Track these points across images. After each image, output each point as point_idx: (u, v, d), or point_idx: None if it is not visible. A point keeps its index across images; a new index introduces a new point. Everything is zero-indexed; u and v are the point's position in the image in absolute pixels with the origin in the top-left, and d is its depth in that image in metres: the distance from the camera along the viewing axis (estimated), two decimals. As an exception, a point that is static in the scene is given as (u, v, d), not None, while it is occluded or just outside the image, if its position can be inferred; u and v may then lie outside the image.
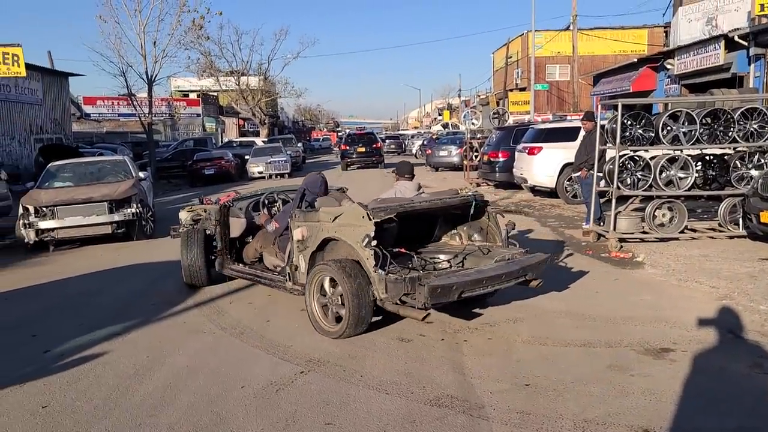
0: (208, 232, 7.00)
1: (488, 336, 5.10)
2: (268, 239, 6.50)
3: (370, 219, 4.93)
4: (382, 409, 3.83)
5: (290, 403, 3.97)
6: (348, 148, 29.00)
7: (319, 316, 5.29)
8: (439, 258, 5.88)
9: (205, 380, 4.43)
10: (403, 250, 5.56)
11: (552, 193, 13.62)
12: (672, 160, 8.25)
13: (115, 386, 4.40)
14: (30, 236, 10.08)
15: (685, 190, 8.23)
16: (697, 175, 8.21)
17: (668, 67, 19.46)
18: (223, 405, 4.00)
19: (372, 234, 4.87)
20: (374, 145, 28.95)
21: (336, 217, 5.26)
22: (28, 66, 20.12)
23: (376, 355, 4.76)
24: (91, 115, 38.48)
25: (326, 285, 5.21)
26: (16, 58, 18.56)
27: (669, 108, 8.59)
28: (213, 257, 6.96)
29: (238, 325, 5.69)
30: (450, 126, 47.27)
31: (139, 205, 10.58)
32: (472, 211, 5.91)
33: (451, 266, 5.66)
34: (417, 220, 6.06)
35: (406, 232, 5.96)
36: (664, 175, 8.23)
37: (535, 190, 14.58)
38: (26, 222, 10.08)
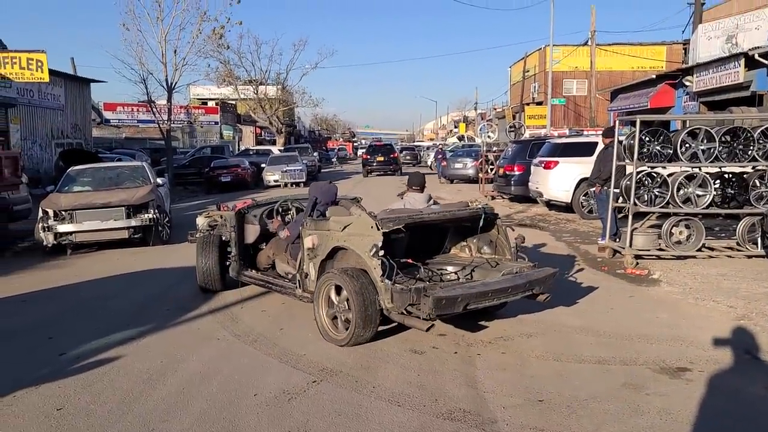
0: (223, 237, 7.08)
1: (502, 350, 5.07)
2: (281, 246, 6.55)
3: (378, 229, 4.97)
4: (394, 422, 3.82)
5: (302, 413, 3.97)
6: (369, 157, 32.06)
7: (327, 324, 5.33)
8: (447, 269, 5.91)
9: (218, 387, 4.45)
10: (410, 260, 5.58)
11: (567, 208, 13.55)
12: (690, 178, 8.18)
13: (129, 390, 4.43)
14: (49, 239, 10.20)
15: (703, 208, 8.15)
16: (715, 193, 8.14)
17: (687, 84, 19.33)
18: (236, 412, 4.02)
19: (380, 244, 4.91)
20: (392, 155, 32.04)
21: (345, 227, 5.31)
22: (51, 72, 20.49)
23: (388, 366, 4.75)
24: (111, 120, 38.96)
25: (332, 294, 5.26)
26: (40, 64, 18.91)
27: (688, 125, 8.54)
28: (228, 263, 7.02)
29: (251, 332, 5.71)
30: (466, 138, 47.26)
31: (156, 210, 10.68)
32: (481, 224, 5.91)
33: (459, 278, 5.68)
34: (427, 232, 6.11)
35: (416, 243, 6.00)
36: (681, 192, 8.16)
37: (550, 205, 14.52)
38: (45, 225, 10.20)
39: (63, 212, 10.31)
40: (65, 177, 12.01)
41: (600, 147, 10.33)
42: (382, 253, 4.91)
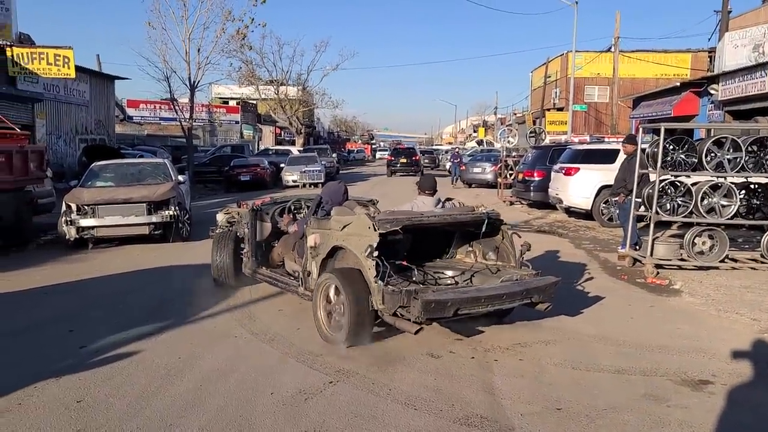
0: (239, 234, 7.17)
1: (519, 357, 5.03)
2: (289, 245, 6.61)
3: (375, 230, 4.97)
4: (410, 425, 3.81)
5: (318, 413, 3.97)
6: (393, 159, 35.78)
7: (324, 323, 5.37)
8: (445, 274, 5.90)
9: (235, 385, 4.47)
10: (404, 262, 5.58)
11: (587, 215, 13.43)
12: (715, 187, 8.07)
13: (147, 385, 4.46)
14: (71, 233, 10.33)
15: (728, 219, 8.04)
16: (740, 203, 8.01)
17: (712, 92, 19.08)
18: (252, 410, 4.03)
19: (375, 244, 4.90)
20: (414, 158, 35.31)
21: (345, 226, 5.34)
22: (77, 68, 20.79)
23: (405, 369, 4.74)
24: (134, 117, 39.40)
25: (331, 293, 5.30)
26: (66, 60, 19.21)
27: (713, 134, 8.42)
28: (242, 258, 7.11)
29: (268, 331, 5.73)
30: (485, 143, 47.10)
31: (176, 207, 10.77)
32: (484, 229, 5.82)
33: (457, 283, 5.68)
34: (431, 235, 6.08)
35: (420, 247, 5.99)
36: (705, 201, 8.05)
37: (570, 211, 14.40)
38: (68, 219, 10.33)
39: (86, 207, 10.43)
40: (88, 172, 12.16)
41: (621, 155, 10.21)
42: (376, 254, 4.90)
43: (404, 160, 34.60)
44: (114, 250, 10.68)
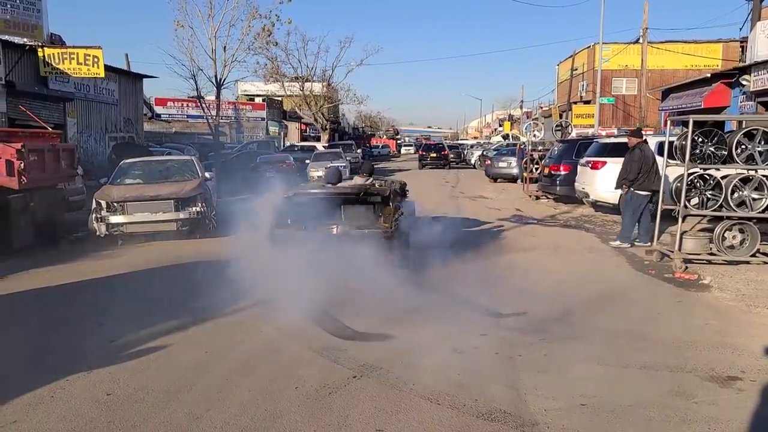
0: None
1: (544, 352, 5.00)
2: None
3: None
4: (433, 419, 3.82)
5: (342, 407, 4.01)
6: (424, 153, 39.49)
7: None
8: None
9: (260, 379, 4.53)
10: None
11: (615, 209, 13.21)
12: (745, 180, 7.90)
13: (176, 379, 4.55)
14: (101, 230, 10.55)
15: (759, 212, 7.87)
16: (772, 196, 7.84)
17: (744, 83, 18.65)
18: (277, 404, 4.08)
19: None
20: (442, 152, 38.86)
21: None
22: (106, 68, 21.14)
23: (429, 364, 4.74)
24: (162, 115, 39.93)
25: None
26: (96, 60, 19.55)
27: (744, 126, 8.24)
28: None
29: (293, 326, 5.78)
30: (510, 137, 46.72)
31: (203, 204, 10.92)
32: (368, 200, 7.54)
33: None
34: (349, 202, 7.67)
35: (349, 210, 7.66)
36: (736, 195, 7.89)
37: (596, 206, 14.22)
38: (98, 216, 10.55)
39: (115, 204, 10.64)
40: (118, 169, 12.38)
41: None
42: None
43: (434, 155, 38.18)
44: (142, 246, 10.85)
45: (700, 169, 8.02)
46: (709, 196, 7.98)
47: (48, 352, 5.29)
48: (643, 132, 10.88)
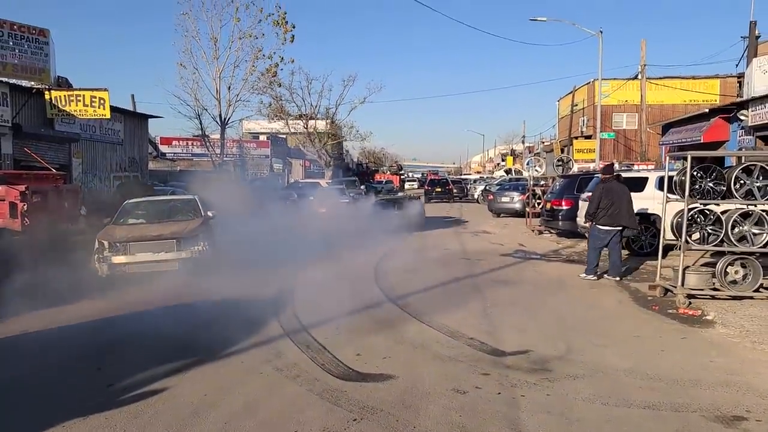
0: None
1: (547, 392, 4.95)
2: None
3: None
4: (434, 463, 3.76)
5: (342, 451, 3.95)
6: (429, 188, 41.65)
7: None
8: None
9: (260, 422, 4.48)
10: None
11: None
12: (745, 215, 7.91)
13: (173, 424, 4.50)
14: (103, 270, 10.55)
15: (760, 247, 7.85)
16: (773, 231, 7.83)
17: (742, 118, 18.79)
18: (276, 448, 4.02)
19: None
20: (447, 187, 41.18)
21: None
22: (112, 108, 21.45)
23: (430, 405, 4.69)
24: (167, 154, 40.36)
25: None
26: (102, 101, 19.85)
27: (743, 161, 8.29)
28: None
29: (293, 367, 5.74)
30: (513, 172, 46.94)
31: (205, 243, 10.94)
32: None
33: None
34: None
35: None
36: (736, 230, 7.89)
37: (599, 241, 14.18)
38: (101, 256, 10.56)
39: (118, 244, 10.67)
40: (121, 209, 12.44)
41: (649, 182, 10.44)
42: None
43: (439, 189, 40.71)
44: (144, 285, 10.83)
45: (700, 204, 8.03)
46: (710, 231, 7.98)
47: (45, 398, 5.24)
48: (615, 168, 11.54)
